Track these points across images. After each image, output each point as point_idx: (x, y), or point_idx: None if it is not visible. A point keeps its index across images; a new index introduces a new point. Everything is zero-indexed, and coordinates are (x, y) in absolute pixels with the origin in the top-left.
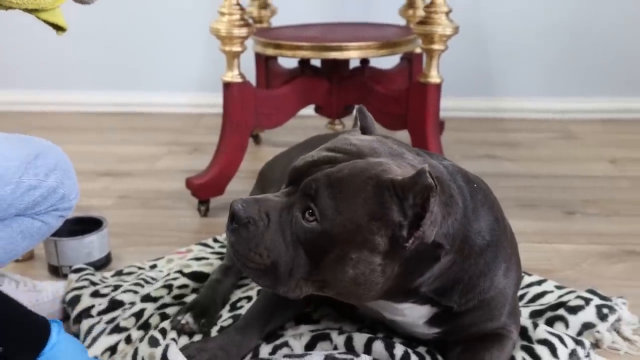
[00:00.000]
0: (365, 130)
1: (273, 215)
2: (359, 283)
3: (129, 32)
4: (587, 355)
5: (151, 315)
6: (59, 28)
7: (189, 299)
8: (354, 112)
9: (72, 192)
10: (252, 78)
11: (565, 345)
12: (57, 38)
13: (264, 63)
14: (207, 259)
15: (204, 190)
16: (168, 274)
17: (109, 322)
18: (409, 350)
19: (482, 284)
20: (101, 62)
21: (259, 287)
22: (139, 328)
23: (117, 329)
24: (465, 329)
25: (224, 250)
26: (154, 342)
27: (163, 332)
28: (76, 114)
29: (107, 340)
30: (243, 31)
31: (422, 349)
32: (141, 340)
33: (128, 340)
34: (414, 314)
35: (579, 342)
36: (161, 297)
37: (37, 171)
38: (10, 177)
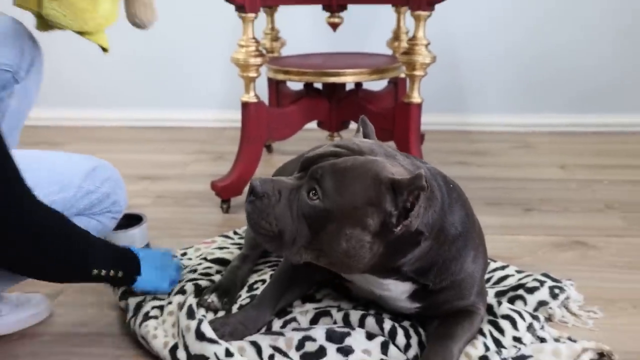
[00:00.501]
0: (366, 136)
1: (284, 193)
2: (350, 255)
3: (167, 60)
4: (542, 328)
5: (185, 284)
6: (103, 48)
7: (215, 278)
8: (359, 122)
9: (122, 199)
10: (265, 98)
11: (524, 320)
12: (108, 64)
13: (275, 86)
14: (228, 248)
15: (226, 191)
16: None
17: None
18: (396, 325)
19: (453, 267)
20: (141, 84)
21: (272, 272)
22: (176, 294)
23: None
24: (441, 306)
25: (242, 241)
26: (190, 315)
27: (195, 308)
28: (121, 128)
29: (153, 303)
30: (258, 60)
31: (406, 323)
32: (180, 307)
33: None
34: (397, 289)
35: (535, 317)
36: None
37: (94, 180)
38: (74, 183)
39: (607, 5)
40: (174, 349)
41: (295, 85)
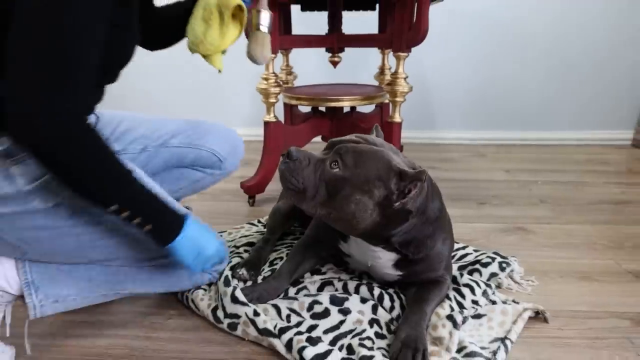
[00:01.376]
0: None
1: (312, 161)
2: (355, 216)
3: (207, 89)
4: (493, 293)
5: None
6: (218, 69)
7: (244, 256)
8: (373, 129)
9: (229, 162)
10: (281, 118)
11: (480, 287)
12: (162, 91)
13: (290, 109)
14: (252, 235)
15: (251, 189)
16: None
17: None
18: (383, 291)
19: (428, 242)
20: (187, 107)
21: (288, 252)
22: None
23: None
24: (417, 275)
25: (264, 229)
26: (227, 283)
27: (230, 278)
28: None
29: None
30: (277, 90)
31: (391, 290)
32: (219, 277)
33: None
34: (385, 257)
35: (488, 285)
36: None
37: (204, 140)
38: (186, 141)
39: (540, 46)
40: (214, 309)
41: (305, 108)
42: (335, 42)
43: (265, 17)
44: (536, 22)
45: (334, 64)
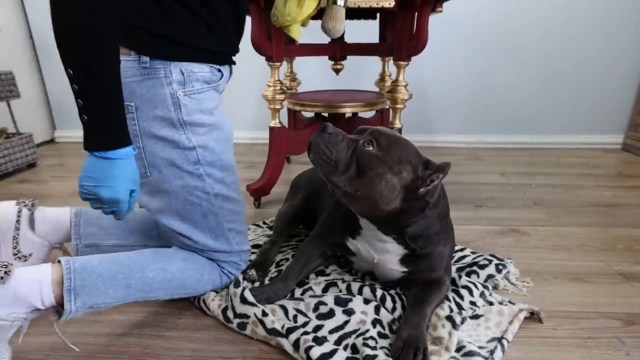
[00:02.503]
0: None
1: (345, 138)
2: (382, 195)
3: None
4: (490, 294)
5: None
6: (294, 39)
7: (251, 257)
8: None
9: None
10: (285, 123)
11: (477, 289)
12: None
13: (293, 114)
14: (258, 238)
15: (257, 192)
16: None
17: None
18: (385, 293)
19: (435, 239)
20: None
21: (293, 253)
22: None
23: None
24: (420, 272)
25: (269, 230)
26: (236, 284)
27: (240, 279)
28: None
29: None
30: (282, 96)
31: (392, 292)
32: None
33: None
34: (393, 251)
35: (485, 287)
36: None
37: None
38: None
39: (535, 54)
40: (225, 310)
41: (308, 113)
42: (338, 50)
43: None
44: (531, 32)
45: (337, 71)
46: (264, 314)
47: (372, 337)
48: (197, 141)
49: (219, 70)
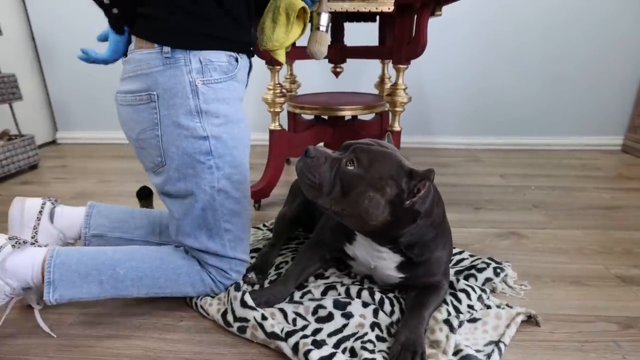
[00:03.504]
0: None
1: (328, 159)
2: (368, 212)
3: None
4: (488, 298)
5: None
6: (280, 62)
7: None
8: (385, 136)
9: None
10: (285, 125)
11: (475, 292)
12: None
13: (293, 116)
14: (258, 241)
15: (257, 194)
16: None
17: None
18: (384, 296)
19: (432, 246)
20: None
21: (293, 256)
22: None
23: None
24: (418, 278)
25: (269, 232)
26: (237, 288)
27: (240, 283)
28: None
29: None
30: (282, 99)
31: (390, 295)
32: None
33: None
34: (390, 258)
35: (483, 290)
36: None
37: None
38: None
39: (535, 56)
40: (224, 314)
41: (308, 116)
42: (338, 53)
43: (324, 19)
44: (531, 34)
45: (337, 74)
46: (264, 317)
47: (370, 341)
48: (211, 131)
49: (236, 60)
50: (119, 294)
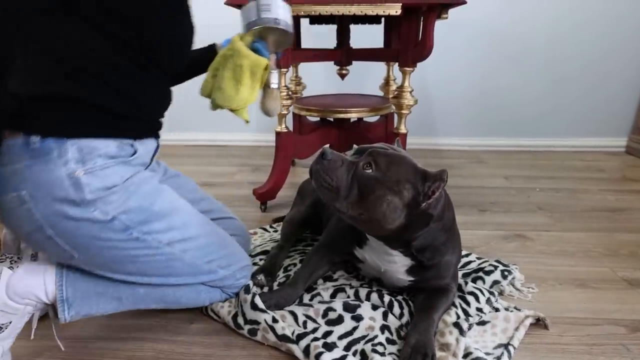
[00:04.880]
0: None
1: (345, 162)
2: (385, 217)
3: None
4: (496, 301)
5: None
6: (245, 120)
7: (260, 263)
8: (395, 141)
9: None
10: (291, 127)
11: (484, 295)
12: (177, 105)
13: (299, 118)
14: (266, 244)
15: (264, 196)
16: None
17: None
18: (393, 299)
19: (442, 249)
20: (199, 115)
21: (301, 258)
22: None
23: None
24: (427, 281)
25: (276, 233)
26: (247, 290)
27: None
28: (183, 146)
29: None
30: (288, 102)
31: (400, 298)
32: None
33: None
34: (400, 262)
35: (491, 293)
36: None
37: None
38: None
39: (538, 58)
40: (235, 316)
41: (314, 117)
42: (343, 56)
43: (274, 77)
44: (535, 35)
45: (342, 76)
46: (274, 320)
47: (380, 343)
48: (114, 210)
49: (132, 146)
50: (138, 307)
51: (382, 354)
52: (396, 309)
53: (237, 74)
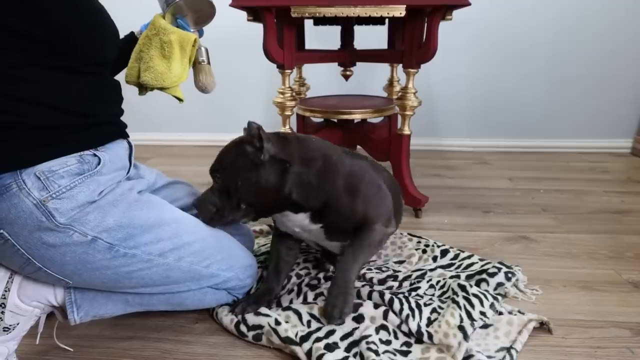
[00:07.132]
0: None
1: (209, 192)
2: (258, 193)
3: (224, 101)
4: (500, 304)
5: None
6: (179, 99)
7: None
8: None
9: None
10: (295, 128)
11: (488, 300)
12: (179, 104)
13: (303, 119)
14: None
15: None
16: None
17: None
18: (393, 296)
19: (328, 189)
20: (206, 116)
21: (303, 258)
22: None
23: None
24: (338, 224)
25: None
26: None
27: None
28: (190, 146)
29: None
30: (292, 103)
31: (400, 295)
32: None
33: None
34: (300, 218)
35: (495, 298)
36: None
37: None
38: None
39: (543, 59)
40: (237, 324)
41: (317, 118)
42: (347, 57)
43: (203, 52)
44: (539, 36)
45: (346, 77)
46: (277, 322)
47: (374, 343)
48: (93, 231)
49: (95, 155)
50: (146, 309)
51: (376, 352)
52: (396, 305)
53: (165, 50)
